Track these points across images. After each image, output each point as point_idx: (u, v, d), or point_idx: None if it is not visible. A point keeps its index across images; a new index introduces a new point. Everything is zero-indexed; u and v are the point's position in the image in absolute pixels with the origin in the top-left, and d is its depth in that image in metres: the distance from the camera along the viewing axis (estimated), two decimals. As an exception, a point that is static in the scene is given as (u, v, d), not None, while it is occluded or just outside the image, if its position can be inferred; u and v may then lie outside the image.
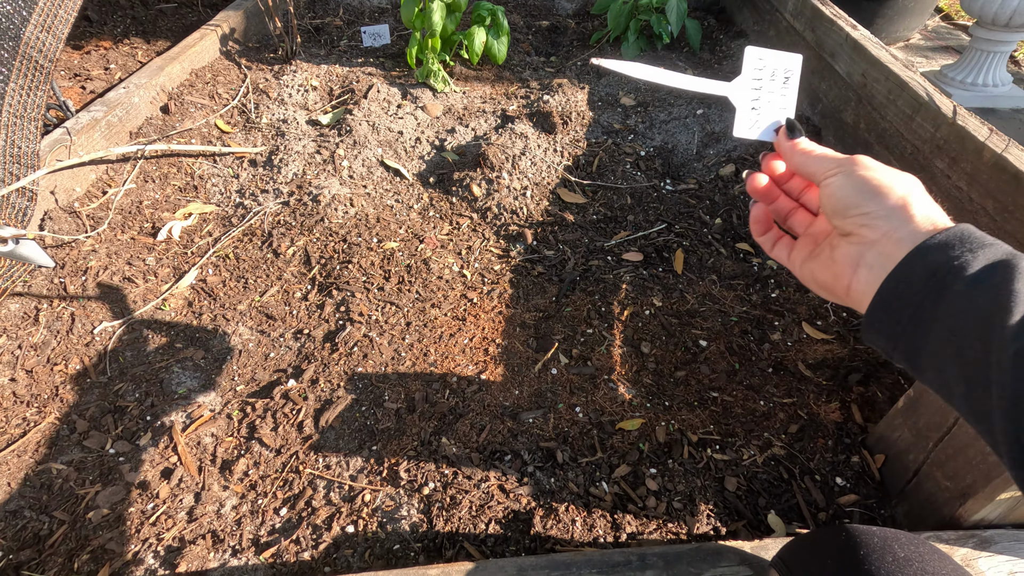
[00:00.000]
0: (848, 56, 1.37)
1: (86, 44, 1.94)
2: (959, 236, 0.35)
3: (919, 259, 0.36)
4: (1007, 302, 0.31)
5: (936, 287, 0.34)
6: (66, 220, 1.26)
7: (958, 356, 0.33)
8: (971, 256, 0.34)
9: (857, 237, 0.41)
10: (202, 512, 0.83)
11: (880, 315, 0.37)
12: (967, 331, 0.33)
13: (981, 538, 0.70)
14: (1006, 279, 0.32)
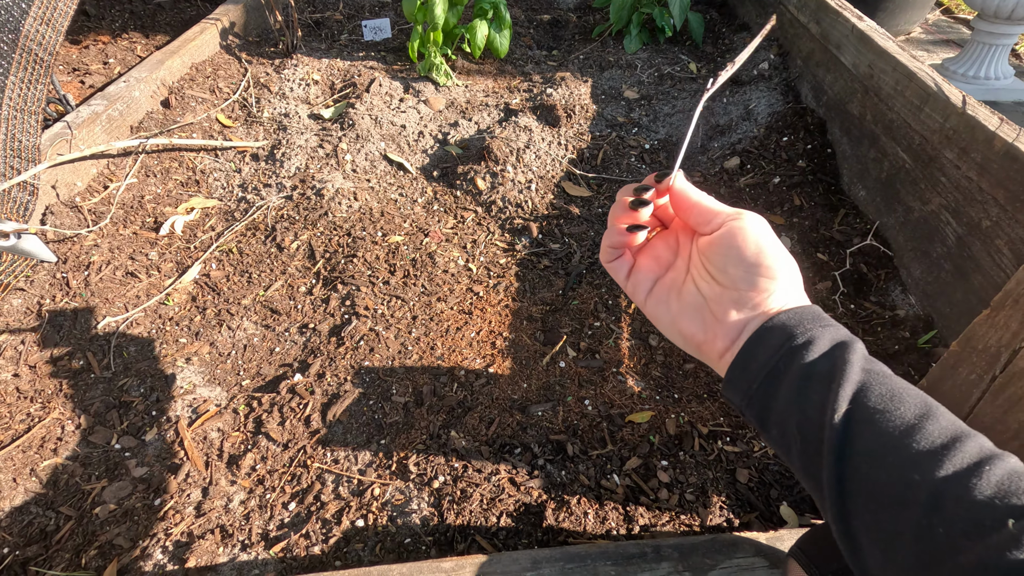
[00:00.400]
0: (854, 47, 1.36)
1: (84, 39, 1.92)
2: (812, 314, 0.39)
3: (778, 328, 0.39)
4: (844, 371, 0.36)
5: (789, 354, 0.38)
6: (68, 215, 1.25)
7: (800, 415, 0.36)
8: (820, 331, 0.38)
9: (738, 294, 0.41)
10: (210, 507, 0.82)
11: (738, 374, 0.40)
12: (810, 395, 0.36)
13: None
14: (845, 352, 0.37)
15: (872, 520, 0.33)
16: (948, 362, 0.75)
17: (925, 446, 0.32)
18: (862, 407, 0.35)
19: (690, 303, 0.43)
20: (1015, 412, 0.65)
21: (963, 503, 0.30)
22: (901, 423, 0.33)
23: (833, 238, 1.27)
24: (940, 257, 1.07)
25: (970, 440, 0.33)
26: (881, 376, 0.36)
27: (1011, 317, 0.66)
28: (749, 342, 0.39)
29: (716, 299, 0.41)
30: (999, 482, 0.30)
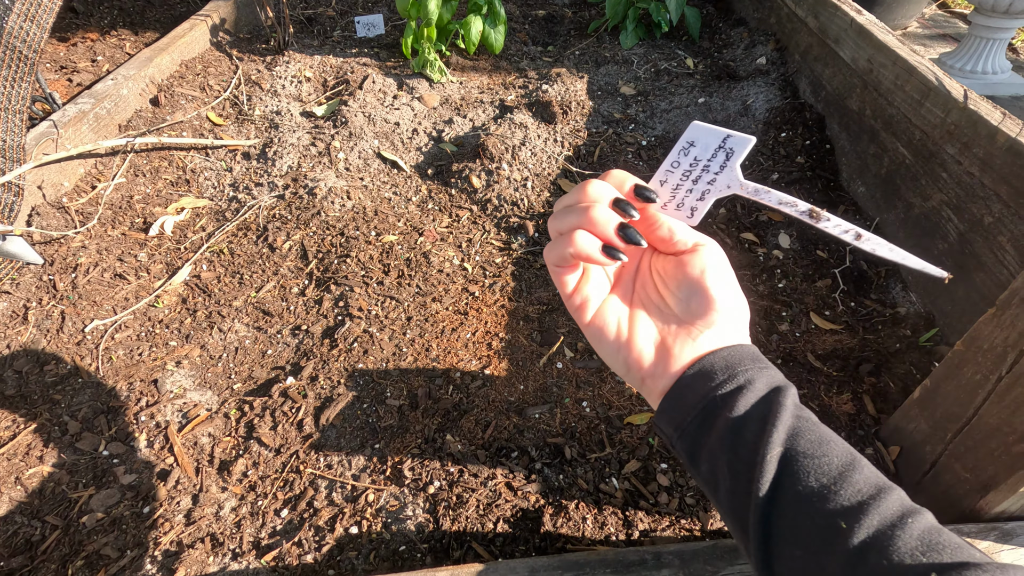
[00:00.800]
0: (853, 41, 1.34)
1: (72, 36, 1.89)
2: (751, 355, 0.39)
3: (719, 364, 0.39)
4: (778, 414, 0.36)
5: (727, 393, 0.37)
6: (54, 216, 1.23)
7: (731, 454, 0.36)
8: (758, 373, 0.38)
9: (682, 324, 0.40)
10: (200, 514, 0.80)
11: (673, 404, 0.39)
12: (744, 435, 0.36)
13: (1003, 531, 0.68)
14: (780, 396, 0.37)
15: (795, 563, 0.33)
16: (952, 362, 0.74)
17: (852, 496, 0.33)
18: (793, 451, 0.35)
19: (642, 329, 0.41)
20: (1021, 414, 0.64)
21: (887, 556, 0.31)
22: (829, 470, 0.34)
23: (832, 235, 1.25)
24: (941, 254, 1.05)
25: (893, 493, 0.34)
26: (811, 423, 0.37)
27: (1018, 316, 0.64)
28: (687, 375, 0.38)
29: (666, 327, 0.40)
30: (921, 536, 0.31)
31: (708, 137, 0.40)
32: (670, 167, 0.41)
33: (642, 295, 0.42)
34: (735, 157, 0.39)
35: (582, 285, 0.42)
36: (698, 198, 0.40)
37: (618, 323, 0.41)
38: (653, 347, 0.40)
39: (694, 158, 0.40)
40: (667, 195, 0.41)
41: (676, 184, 0.41)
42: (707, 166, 0.40)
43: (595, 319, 0.42)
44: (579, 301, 0.42)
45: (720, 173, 0.39)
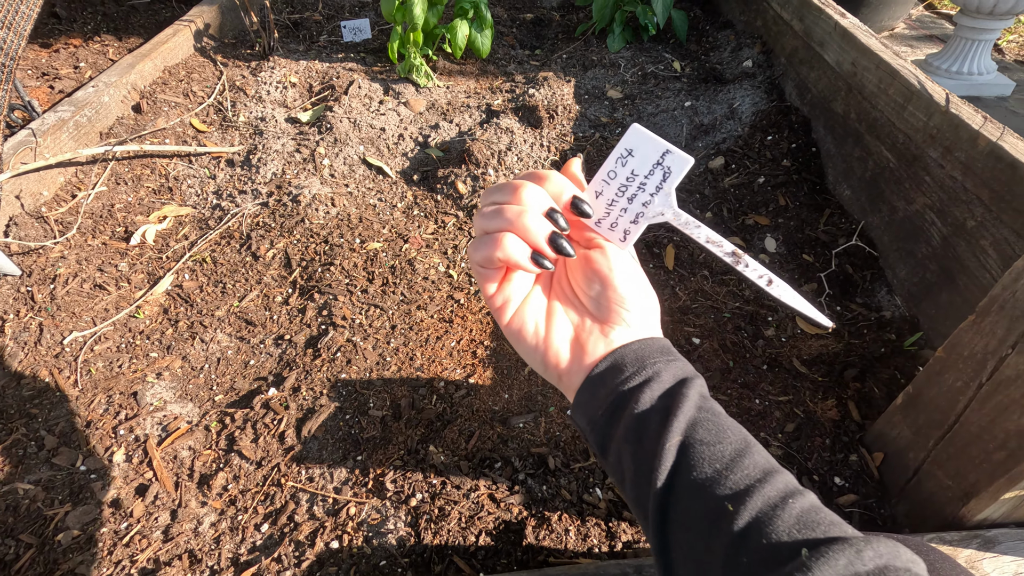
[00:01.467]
0: (837, 45, 1.35)
1: (55, 42, 1.87)
2: (661, 347, 0.40)
3: (629, 358, 0.40)
4: (681, 405, 0.37)
5: (635, 387, 0.39)
6: (33, 226, 1.21)
7: (636, 444, 0.37)
8: (665, 365, 0.39)
9: (594, 321, 0.41)
10: (179, 531, 0.79)
11: (586, 398, 0.40)
12: (648, 426, 0.37)
13: (985, 538, 0.68)
14: (684, 388, 0.38)
15: (688, 548, 0.34)
16: (934, 368, 0.73)
17: (740, 480, 0.34)
18: (691, 440, 0.37)
19: (558, 328, 0.42)
20: (1002, 421, 0.64)
21: (765, 535, 0.32)
22: (723, 456, 0.36)
23: (818, 238, 1.26)
24: (925, 258, 1.05)
25: (779, 476, 0.35)
26: (712, 413, 0.38)
27: (997, 323, 0.64)
28: (598, 370, 0.40)
29: (581, 324, 0.41)
30: (799, 516, 0.33)
31: (647, 147, 0.39)
32: (607, 177, 0.40)
33: (558, 290, 0.43)
34: (672, 178, 0.38)
35: (505, 286, 0.42)
36: (632, 220, 0.40)
37: (536, 324, 0.42)
38: (568, 345, 0.41)
39: (631, 171, 0.39)
40: (602, 210, 0.41)
41: (611, 199, 0.40)
42: (643, 184, 0.39)
43: (514, 320, 0.42)
44: (500, 302, 0.42)
45: (656, 195, 0.39)
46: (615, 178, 0.40)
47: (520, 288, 0.42)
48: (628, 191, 0.40)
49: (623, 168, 0.39)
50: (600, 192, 0.40)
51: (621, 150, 0.39)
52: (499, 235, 0.38)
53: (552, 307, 0.43)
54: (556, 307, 0.43)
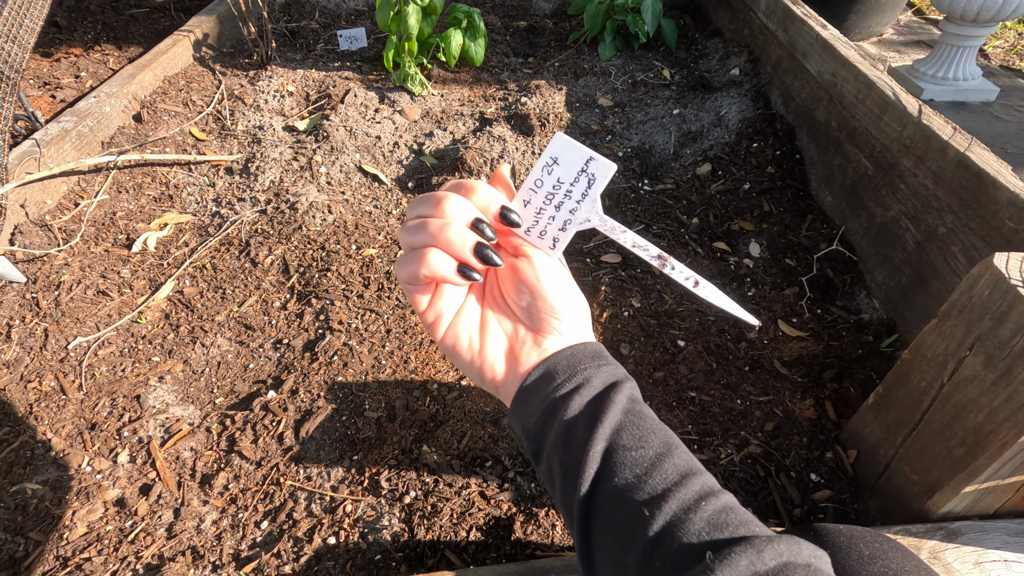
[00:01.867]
0: (819, 55, 1.39)
1: (55, 51, 1.90)
2: (592, 352, 0.41)
3: (561, 365, 0.40)
4: (607, 411, 0.38)
5: (565, 394, 0.39)
6: (37, 234, 1.24)
7: (564, 451, 0.38)
8: (596, 371, 0.40)
9: (527, 330, 0.42)
10: (182, 528, 0.83)
11: (521, 407, 0.40)
12: (576, 432, 0.38)
13: (948, 530, 0.71)
14: (612, 393, 0.39)
15: (608, 553, 0.35)
16: (901, 370, 0.77)
17: (658, 484, 0.35)
18: (615, 445, 0.37)
19: (492, 341, 0.42)
20: (961, 419, 0.68)
21: (676, 538, 0.32)
22: (643, 460, 0.36)
23: (801, 243, 1.30)
24: (901, 262, 1.09)
25: (696, 478, 0.35)
26: (639, 416, 0.39)
27: (956, 327, 0.68)
28: (531, 379, 0.40)
29: (514, 334, 0.42)
30: (710, 518, 0.33)
31: (571, 155, 0.39)
32: (533, 186, 0.40)
33: (491, 300, 0.43)
34: (596, 185, 0.39)
35: (436, 301, 0.42)
36: (560, 228, 0.40)
37: (470, 338, 0.42)
38: (503, 357, 0.42)
39: (557, 179, 0.39)
40: (530, 219, 0.41)
41: (539, 207, 0.40)
42: (569, 191, 0.39)
43: (447, 335, 0.42)
44: (432, 317, 0.42)
45: (582, 202, 0.39)
46: (542, 186, 0.40)
47: (452, 302, 0.42)
48: (555, 199, 0.40)
49: (549, 176, 0.40)
50: (528, 201, 0.40)
51: (547, 158, 0.40)
52: (423, 251, 0.37)
53: (486, 318, 0.43)
54: (490, 318, 0.43)
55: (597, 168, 0.39)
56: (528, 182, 0.40)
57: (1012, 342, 0.60)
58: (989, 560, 0.68)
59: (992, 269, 0.63)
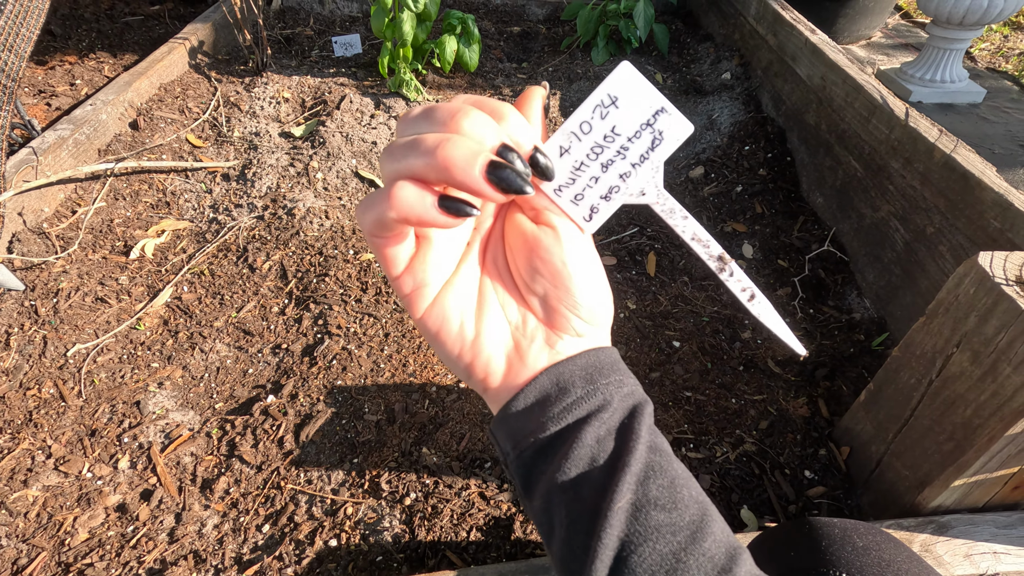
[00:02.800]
0: (808, 59, 1.41)
1: (50, 59, 1.91)
2: (610, 363, 0.33)
3: (578, 375, 0.32)
4: (633, 449, 0.30)
5: (581, 418, 0.31)
6: (35, 241, 1.25)
7: (573, 492, 0.30)
8: (615, 390, 0.32)
9: (559, 322, 0.32)
10: (183, 533, 0.83)
11: (515, 415, 0.32)
12: (592, 472, 0.30)
13: (939, 523, 0.73)
14: (635, 423, 0.31)
15: None
16: (891, 367, 0.79)
17: (704, 563, 0.29)
18: (643, 501, 0.30)
19: (492, 326, 0.32)
20: (949, 415, 0.69)
21: None
22: (680, 527, 0.29)
23: (793, 244, 1.32)
24: (891, 262, 1.11)
25: (740, 560, 0.30)
26: (662, 455, 0.32)
27: (943, 324, 0.70)
28: (536, 388, 0.31)
29: (521, 324, 0.32)
30: None
31: (637, 98, 0.29)
32: (578, 130, 0.29)
33: (493, 271, 0.33)
34: (662, 147, 0.29)
35: (416, 264, 0.30)
36: (602, 195, 0.30)
37: (461, 322, 0.31)
38: (503, 353, 0.32)
39: (612, 127, 0.29)
40: (565, 174, 0.30)
41: (580, 162, 0.30)
42: (624, 148, 0.29)
43: (431, 314, 0.31)
44: (410, 286, 0.31)
45: (639, 166, 0.30)
46: (589, 133, 0.29)
47: (439, 267, 0.31)
48: (604, 155, 0.29)
49: (602, 122, 0.29)
50: (567, 149, 0.30)
51: (603, 95, 0.29)
52: (395, 184, 0.25)
53: (484, 297, 0.32)
54: (490, 298, 0.32)
55: (669, 124, 0.29)
56: (571, 123, 0.29)
57: (997, 339, 0.62)
58: (979, 552, 0.70)
59: (977, 268, 0.64)
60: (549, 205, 0.31)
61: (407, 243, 0.30)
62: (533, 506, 0.32)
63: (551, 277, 0.31)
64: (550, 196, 0.31)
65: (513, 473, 0.33)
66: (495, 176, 0.24)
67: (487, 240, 0.33)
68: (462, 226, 0.31)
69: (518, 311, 0.33)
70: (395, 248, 0.29)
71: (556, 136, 0.30)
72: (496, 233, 0.33)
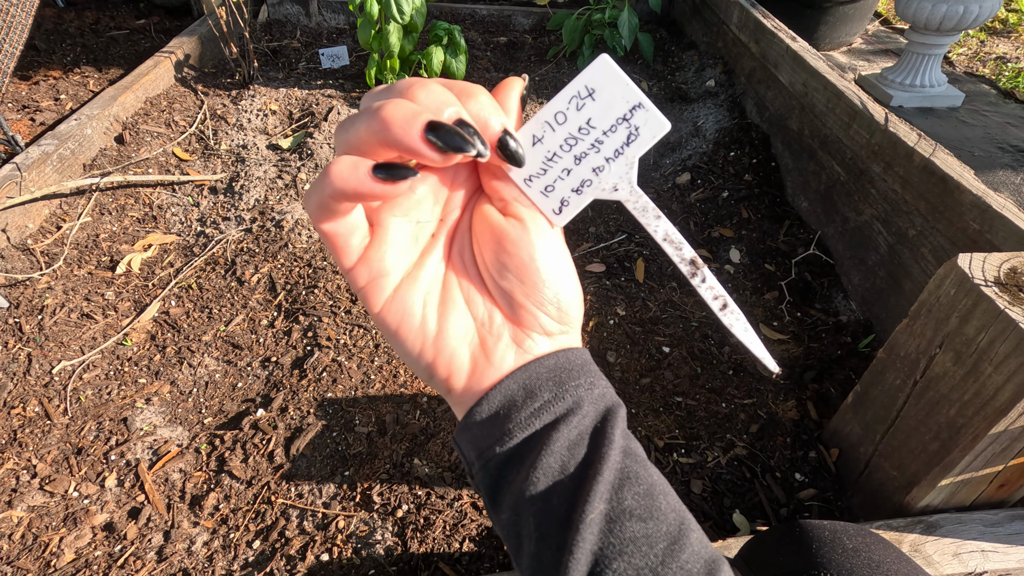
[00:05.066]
0: (789, 67, 1.43)
1: (34, 74, 1.90)
2: (581, 363, 0.31)
3: (546, 378, 0.30)
4: (606, 455, 0.29)
5: (551, 422, 0.30)
6: (19, 258, 1.23)
7: (543, 503, 0.28)
8: (587, 392, 0.31)
9: (527, 320, 0.31)
10: (172, 551, 0.82)
11: (480, 422, 0.30)
12: (563, 480, 0.28)
13: (927, 523, 0.74)
14: (608, 427, 0.30)
15: None
16: (876, 368, 0.80)
17: None
18: (617, 511, 0.28)
19: (455, 322, 0.30)
20: (935, 414, 0.70)
21: None
22: (657, 538, 0.28)
23: (779, 248, 1.33)
24: (875, 265, 1.13)
25: (721, 573, 0.29)
26: (635, 461, 0.30)
27: (926, 326, 0.71)
28: (501, 392, 0.30)
29: (487, 320, 0.31)
30: None
31: (615, 91, 0.28)
32: (552, 120, 0.29)
33: (459, 264, 0.31)
34: (637, 143, 0.29)
35: (372, 252, 0.28)
36: (574, 188, 0.29)
37: (423, 316, 0.30)
38: (468, 351, 0.30)
39: (587, 120, 0.29)
40: (537, 164, 0.29)
41: (552, 152, 0.29)
42: (599, 142, 0.29)
43: (390, 308, 0.29)
44: (365, 278, 0.29)
45: (613, 161, 0.29)
46: (563, 123, 0.29)
47: (396, 257, 0.29)
48: (577, 147, 0.29)
49: (577, 113, 0.28)
50: (539, 138, 0.29)
51: (580, 86, 0.28)
52: (335, 159, 0.25)
53: (448, 291, 0.31)
54: (454, 292, 0.31)
55: (645, 120, 0.28)
56: (545, 112, 0.29)
57: (978, 339, 0.63)
58: (967, 551, 0.71)
59: (957, 270, 0.65)
60: (518, 196, 0.30)
61: (359, 231, 0.28)
62: (501, 519, 0.30)
63: (518, 271, 0.29)
64: (520, 185, 0.30)
65: (479, 485, 0.31)
66: (434, 135, 0.23)
67: (454, 232, 0.32)
68: (423, 212, 0.30)
69: (484, 307, 0.31)
70: (345, 235, 0.28)
71: (529, 124, 0.29)
72: (463, 225, 0.31)
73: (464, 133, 0.24)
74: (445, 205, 0.31)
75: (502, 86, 0.29)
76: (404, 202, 0.29)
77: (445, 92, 0.25)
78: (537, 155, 0.29)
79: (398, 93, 0.25)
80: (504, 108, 0.28)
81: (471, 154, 0.25)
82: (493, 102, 0.27)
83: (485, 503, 0.31)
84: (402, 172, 0.24)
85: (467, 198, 0.32)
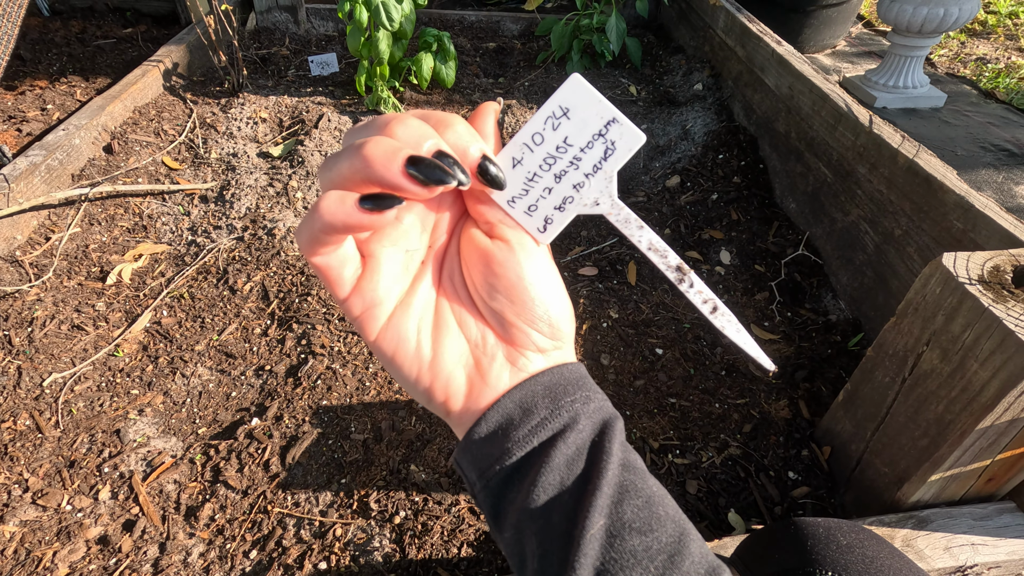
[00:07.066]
0: (775, 70, 1.45)
1: (20, 84, 1.88)
2: (576, 378, 0.32)
3: (541, 396, 0.31)
4: (604, 469, 0.29)
5: (549, 439, 0.30)
6: (8, 270, 1.22)
7: (543, 520, 0.29)
8: (583, 407, 0.31)
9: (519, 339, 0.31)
10: (168, 563, 0.82)
11: (480, 442, 0.30)
12: (562, 497, 0.29)
13: (919, 518, 0.75)
14: (606, 440, 0.30)
15: None
16: (866, 367, 0.81)
17: None
18: (618, 525, 0.28)
19: (450, 347, 0.31)
20: (923, 411, 0.72)
21: None
22: (657, 551, 0.28)
23: (769, 250, 1.35)
24: (862, 264, 1.15)
25: None
26: (634, 473, 0.30)
27: (913, 324, 0.72)
28: (498, 411, 0.30)
29: (480, 342, 0.31)
30: None
31: (588, 109, 0.29)
32: (530, 141, 0.30)
33: (450, 288, 0.32)
34: (614, 157, 0.29)
35: (365, 283, 0.29)
36: (556, 206, 0.30)
37: (418, 342, 0.31)
38: (464, 373, 0.31)
39: (564, 138, 0.29)
40: (518, 185, 0.30)
41: (532, 173, 0.30)
42: (577, 159, 0.30)
43: (385, 336, 0.30)
44: (360, 308, 0.30)
45: (592, 176, 0.30)
46: (541, 144, 0.30)
47: (389, 286, 0.30)
48: (557, 165, 0.30)
49: (554, 133, 0.29)
50: (519, 160, 0.30)
51: (554, 107, 0.29)
52: (322, 195, 0.26)
53: (441, 315, 0.31)
54: (447, 316, 0.31)
55: (621, 134, 0.29)
56: (523, 135, 0.30)
57: (963, 336, 0.64)
58: (958, 545, 0.72)
59: (942, 268, 0.67)
60: (504, 219, 0.31)
61: (351, 263, 0.29)
62: (504, 538, 0.30)
63: (507, 292, 0.30)
64: (503, 207, 0.31)
65: (482, 505, 0.31)
66: (415, 169, 0.24)
67: (442, 257, 0.32)
68: (412, 241, 0.30)
69: (477, 329, 0.32)
70: (337, 268, 0.28)
71: (508, 147, 0.30)
72: (452, 250, 0.32)
73: (444, 165, 0.25)
74: (432, 232, 0.32)
75: (477, 112, 0.30)
76: (393, 232, 0.30)
77: (422, 126, 0.26)
78: (518, 176, 0.30)
79: (377, 130, 0.26)
80: (481, 134, 0.29)
81: (452, 184, 0.25)
82: (470, 129, 0.28)
83: (488, 523, 0.31)
84: (388, 201, 0.25)
85: (453, 223, 0.32)
